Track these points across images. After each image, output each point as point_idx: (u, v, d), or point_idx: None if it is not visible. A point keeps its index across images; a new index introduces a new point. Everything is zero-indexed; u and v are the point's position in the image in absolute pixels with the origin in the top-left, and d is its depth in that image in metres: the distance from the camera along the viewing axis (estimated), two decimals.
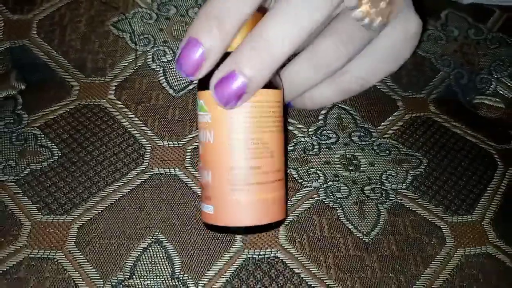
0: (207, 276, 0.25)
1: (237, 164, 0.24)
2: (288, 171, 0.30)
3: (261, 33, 0.22)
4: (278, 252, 0.27)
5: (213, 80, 0.23)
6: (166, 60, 0.34)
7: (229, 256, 0.26)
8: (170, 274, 0.25)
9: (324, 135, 0.32)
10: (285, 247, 0.27)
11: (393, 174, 0.31)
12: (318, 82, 0.27)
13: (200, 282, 0.25)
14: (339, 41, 0.25)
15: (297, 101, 0.30)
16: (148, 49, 0.34)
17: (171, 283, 0.25)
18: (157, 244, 0.26)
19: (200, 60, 0.22)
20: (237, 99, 0.22)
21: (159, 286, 0.25)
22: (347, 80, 0.27)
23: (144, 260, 0.26)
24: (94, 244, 0.26)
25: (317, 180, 0.30)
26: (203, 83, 0.25)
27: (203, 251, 0.26)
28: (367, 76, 0.28)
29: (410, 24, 0.27)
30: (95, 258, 0.26)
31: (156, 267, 0.25)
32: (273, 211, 0.25)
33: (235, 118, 0.24)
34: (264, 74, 0.22)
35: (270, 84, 0.25)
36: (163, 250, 0.26)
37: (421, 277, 0.27)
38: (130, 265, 0.25)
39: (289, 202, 0.29)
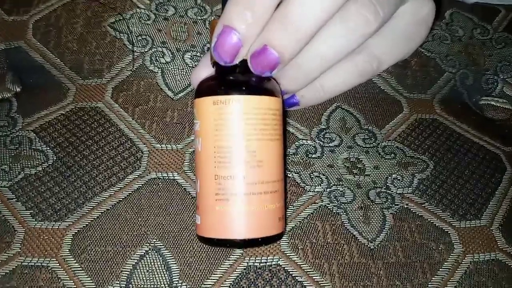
0: (206, 285, 0.25)
1: (221, 172, 0.23)
2: (290, 175, 0.29)
3: (290, 9, 0.22)
4: (280, 259, 0.26)
5: (248, 54, 0.24)
6: (164, 62, 0.33)
7: (229, 264, 0.25)
8: (168, 283, 0.24)
9: (327, 137, 0.31)
10: (287, 254, 0.26)
11: (398, 178, 0.30)
12: (347, 53, 0.25)
13: None
14: (372, 2, 0.23)
15: (306, 95, 0.28)
16: (146, 50, 0.33)
17: None
18: (154, 251, 0.25)
19: (237, 46, 0.23)
20: (271, 69, 0.23)
21: None
22: (363, 59, 0.26)
23: (141, 268, 0.25)
24: (89, 252, 0.25)
25: (320, 185, 0.29)
26: (195, 92, 0.25)
27: (202, 259, 0.25)
28: (382, 57, 0.27)
29: (423, 6, 0.27)
30: (91, 266, 0.25)
31: (154, 276, 0.25)
32: (261, 226, 0.23)
33: (219, 125, 0.23)
34: (295, 48, 0.23)
35: (260, 91, 0.24)
36: (160, 258, 0.25)
37: (429, 285, 0.26)
38: (126, 274, 0.25)
39: (291, 207, 0.28)
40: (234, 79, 0.24)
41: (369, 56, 0.26)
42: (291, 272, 0.25)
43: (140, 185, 0.28)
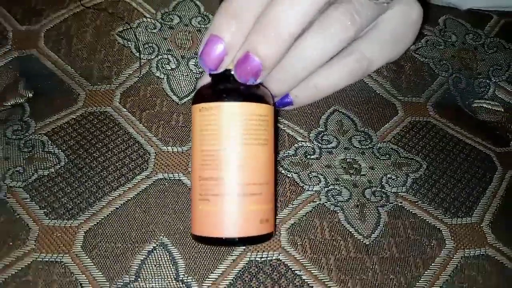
0: (210, 278, 0.26)
1: (204, 174, 0.25)
2: (290, 175, 0.30)
3: (269, 17, 0.24)
4: (280, 254, 0.27)
5: (233, 63, 0.25)
6: (170, 68, 0.35)
7: (232, 259, 0.27)
8: (175, 276, 0.26)
9: (324, 139, 0.33)
10: (287, 249, 0.27)
11: (393, 178, 0.31)
12: (329, 57, 0.27)
13: (204, 284, 0.26)
14: (349, 10, 0.25)
15: (300, 95, 0.29)
16: (153, 58, 0.35)
17: (175, 286, 0.26)
18: (161, 247, 0.27)
19: (222, 55, 0.24)
20: (255, 77, 0.25)
21: None
22: (354, 60, 0.28)
23: (149, 263, 0.26)
24: (100, 248, 0.27)
25: (318, 184, 0.30)
26: (193, 99, 0.26)
27: (207, 254, 0.27)
28: (372, 57, 0.28)
29: (411, 10, 0.29)
30: (101, 261, 0.26)
31: (161, 270, 0.26)
32: (240, 226, 0.24)
33: (203, 131, 0.25)
34: (276, 53, 0.24)
35: (245, 98, 0.25)
36: (167, 253, 0.27)
37: (421, 279, 0.27)
38: (135, 268, 0.26)
39: (290, 205, 0.29)
40: (220, 87, 0.26)
41: (360, 56, 0.28)
42: (290, 267, 0.27)
43: (148, 185, 0.29)
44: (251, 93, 0.25)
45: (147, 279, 0.26)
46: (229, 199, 0.24)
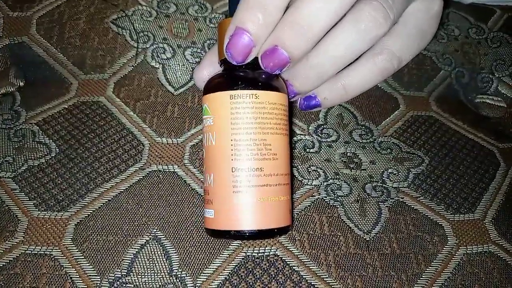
0: (205, 273, 0.25)
1: (239, 165, 0.23)
2: None
3: (299, 10, 0.23)
4: (278, 250, 0.26)
5: (260, 53, 0.24)
6: (165, 57, 0.34)
7: (227, 254, 0.26)
8: (168, 271, 0.25)
9: (324, 133, 0.32)
10: (285, 245, 0.27)
11: (394, 173, 0.30)
12: (357, 54, 0.26)
13: (198, 279, 0.25)
14: (382, 5, 0.24)
15: (329, 97, 0.29)
16: (148, 46, 0.34)
17: (168, 280, 0.25)
18: (155, 241, 0.26)
19: (249, 47, 0.24)
20: (281, 68, 0.24)
21: (157, 283, 0.25)
22: (383, 58, 0.27)
23: (142, 257, 0.25)
24: (91, 241, 0.26)
25: (318, 178, 0.29)
26: (207, 88, 0.25)
27: (202, 248, 0.26)
28: (401, 54, 0.28)
29: (433, 3, 0.28)
30: (92, 254, 0.25)
31: (154, 264, 0.25)
32: (276, 217, 0.24)
33: (236, 119, 0.24)
34: (305, 48, 0.24)
35: (274, 87, 0.25)
36: (161, 247, 0.26)
37: (423, 276, 0.26)
38: (127, 262, 0.25)
39: None
40: (250, 75, 0.25)
41: (389, 54, 0.27)
42: (288, 262, 0.26)
43: (141, 177, 0.28)
44: (277, 83, 0.25)
45: (139, 274, 0.25)
46: (269, 190, 0.24)
